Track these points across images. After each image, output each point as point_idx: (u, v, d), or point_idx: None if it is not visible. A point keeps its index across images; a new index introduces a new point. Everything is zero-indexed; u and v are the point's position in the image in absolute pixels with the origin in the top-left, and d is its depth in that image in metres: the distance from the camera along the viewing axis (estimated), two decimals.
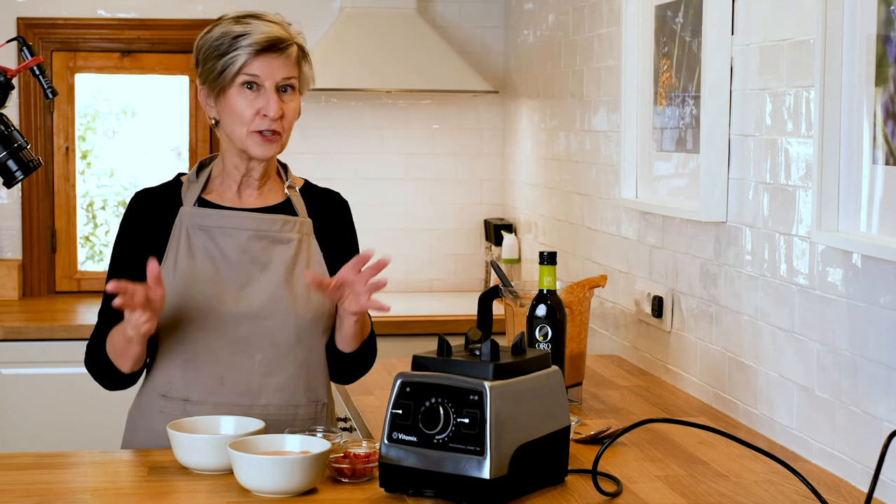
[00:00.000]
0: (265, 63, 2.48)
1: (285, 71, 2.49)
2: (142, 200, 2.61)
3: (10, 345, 4.37)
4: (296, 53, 2.51)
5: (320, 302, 2.55)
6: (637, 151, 3.47)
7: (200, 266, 2.53)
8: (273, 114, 2.47)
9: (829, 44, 2.33)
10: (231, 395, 2.51)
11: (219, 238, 2.54)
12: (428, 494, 2.13)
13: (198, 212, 2.56)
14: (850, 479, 2.36)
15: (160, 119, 5.23)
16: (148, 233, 2.57)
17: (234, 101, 2.49)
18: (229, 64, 2.48)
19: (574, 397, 2.96)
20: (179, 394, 2.53)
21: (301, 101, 2.57)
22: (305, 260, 2.57)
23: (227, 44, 2.48)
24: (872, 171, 2.27)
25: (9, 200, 5.00)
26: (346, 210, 2.70)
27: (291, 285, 2.53)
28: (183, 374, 2.53)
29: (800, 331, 2.56)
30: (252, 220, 2.55)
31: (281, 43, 2.48)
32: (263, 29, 2.48)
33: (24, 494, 2.18)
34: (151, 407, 2.57)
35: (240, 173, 2.57)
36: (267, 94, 2.48)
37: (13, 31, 4.93)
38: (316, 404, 2.58)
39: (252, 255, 2.54)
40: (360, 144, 5.20)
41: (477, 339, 2.19)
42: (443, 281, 5.29)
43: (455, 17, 5.23)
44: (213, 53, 2.50)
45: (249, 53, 2.47)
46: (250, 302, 2.51)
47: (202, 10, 4.96)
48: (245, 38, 2.47)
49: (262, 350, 2.51)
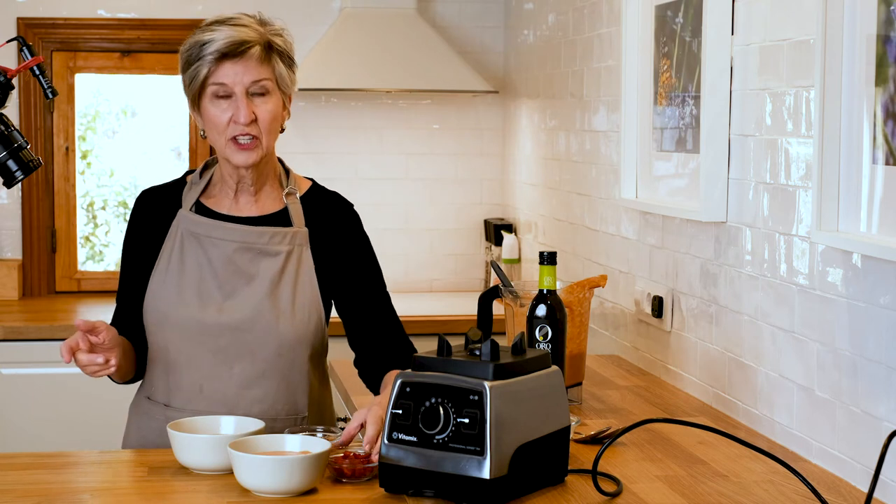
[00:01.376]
0: (230, 69, 2.43)
1: (253, 74, 2.43)
2: (145, 200, 2.61)
3: (10, 345, 4.37)
4: (259, 54, 2.43)
5: (305, 319, 2.53)
6: (637, 151, 3.47)
7: (188, 273, 2.52)
8: (243, 119, 2.43)
9: (829, 44, 2.33)
10: (209, 403, 2.51)
11: (207, 247, 2.53)
12: (428, 494, 2.13)
13: (192, 218, 2.55)
14: (850, 479, 2.36)
15: (160, 119, 5.23)
16: (150, 233, 2.57)
17: (208, 110, 2.46)
18: (195, 74, 2.44)
19: (574, 397, 2.96)
20: (161, 398, 2.55)
21: (288, 100, 2.52)
22: (294, 273, 2.53)
23: (194, 53, 2.44)
24: (872, 171, 2.27)
25: (9, 200, 5.00)
26: (352, 218, 2.63)
27: (276, 300, 2.51)
28: (164, 379, 2.54)
29: (800, 331, 2.56)
30: (239, 232, 2.53)
31: (242, 46, 2.42)
32: (228, 34, 2.42)
33: (24, 494, 2.17)
34: (140, 408, 2.60)
35: (234, 181, 2.56)
36: (237, 100, 2.44)
37: (13, 31, 4.93)
38: (295, 418, 2.56)
39: (237, 267, 2.52)
40: (360, 144, 5.20)
41: (477, 339, 2.18)
42: (443, 281, 5.29)
43: (455, 17, 5.23)
44: (184, 66, 2.47)
45: (211, 62, 2.42)
46: (232, 314, 2.50)
47: (202, 10, 4.95)
48: (208, 45, 2.42)
49: (241, 362, 2.51)
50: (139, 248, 2.58)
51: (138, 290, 2.57)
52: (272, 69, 2.46)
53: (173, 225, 2.55)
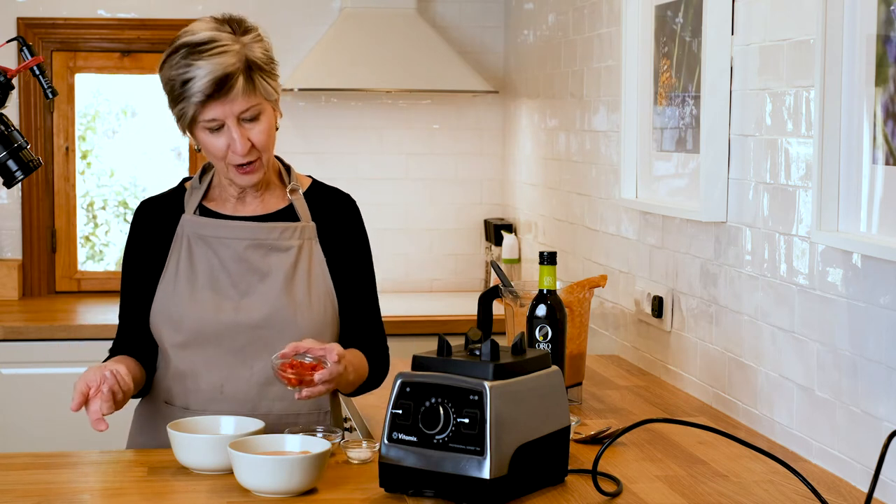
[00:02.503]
0: (217, 106, 2.40)
1: (241, 104, 2.41)
2: (145, 211, 2.61)
3: (10, 345, 4.37)
4: (242, 85, 2.39)
5: (321, 311, 2.54)
6: (637, 151, 3.47)
7: (200, 275, 2.52)
8: (240, 151, 2.43)
9: (829, 44, 2.33)
10: (231, 404, 2.50)
11: (217, 247, 2.53)
12: (428, 494, 2.13)
13: (197, 220, 2.55)
14: (850, 479, 2.36)
15: (160, 119, 5.23)
16: (151, 244, 2.56)
17: (202, 140, 2.46)
18: (183, 113, 2.43)
19: (574, 397, 2.95)
20: (180, 402, 2.53)
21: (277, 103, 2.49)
22: (306, 266, 2.54)
23: (176, 90, 2.42)
24: (872, 171, 2.27)
25: (9, 200, 5.00)
26: (354, 211, 2.65)
27: (292, 294, 2.51)
28: (182, 383, 2.53)
29: (800, 331, 2.56)
30: (248, 230, 2.53)
31: (227, 82, 2.38)
32: (208, 70, 2.38)
33: (24, 494, 2.18)
34: (156, 412, 2.57)
35: (235, 189, 2.57)
36: (231, 131, 2.42)
37: (13, 31, 4.93)
38: (318, 412, 2.57)
39: (250, 265, 2.52)
40: (360, 144, 5.20)
41: (477, 339, 2.18)
42: (443, 281, 5.29)
43: (455, 17, 5.23)
44: (169, 96, 2.46)
45: (197, 103, 2.40)
46: (249, 312, 2.50)
47: (202, 10, 4.95)
48: (191, 84, 2.39)
49: (260, 359, 2.49)
50: (143, 259, 2.56)
51: (144, 302, 2.55)
52: (258, 93, 2.43)
53: (177, 231, 2.55)
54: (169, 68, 2.43)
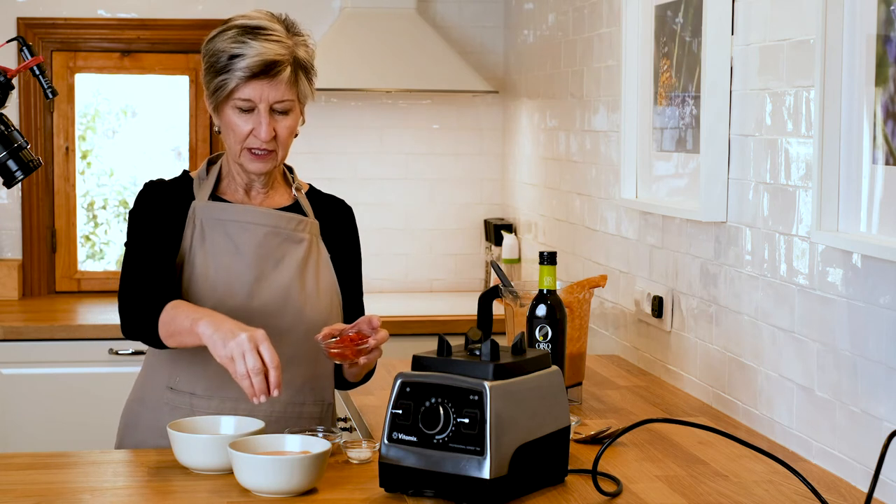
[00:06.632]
0: (257, 87, 2.45)
1: (278, 94, 2.46)
2: (154, 190, 2.60)
3: (10, 345, 4.37)
4: (288, 76, 2.47)
5: (328, 304, 2.57)
6: (637, 151, 3.47)
7: (214, 259, 2.53)
8: (264, 136, 2.46)
9: (829, 44, 2.33)
10: (238, 390, 2.49)
11: (234, 232, 2.54)
12: (428, 494, 2.13)
13: (214, 205, 2.56)
14: (850, 479, 2.36)
15: (160, 119, 5.23)
16: (162, 220, 2.55)
17: (229, 118, 2.49)
18: (222, 85, 2.46)
19: (574, 397, 2.96)
20: (186, 387, 2.53)
21: (303, 110, 2.55)
22: (316, 260, 2.58)
23: (222, 62, 2.46)
24: (872, 171, 2.27)
25: (9, 200, 5.00)
26: (351, 217, 2.71)
27: (303, 283, 2.55)
28: (190, 368, 2.53)
29: (800, 331, 2.56)
30: (269, 217, 2.56)
31: (274, 67, 2.44)
32: (259, 50, 2.44)
33: (24, 494, 2.18)
34: (158, 399, 2.56)
35: (243, 179, 2.58)
36: (260, 115, 2.47)
37: (13, 31, 4.93)
38: (322, 404, 2.59)
39: (267, 251, 2.55)
40: (360, 144, 5.20)
41: (477, 339, 2.19)
42: (443, 281, 5.29)
43: (455, 17, 5.23)
44: (210, 68, 2.49)
45: (241, 78, 2.44)
46: (262, 297, 2.52)
47: (202, 10, 4.96)
48: (239, 60, 2.44)
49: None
50: (154, 232, 2.53)
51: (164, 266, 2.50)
52: (297, 90, 2.50)
53: (189, 217, 2.55)
54: (220, 41, 2.48)
